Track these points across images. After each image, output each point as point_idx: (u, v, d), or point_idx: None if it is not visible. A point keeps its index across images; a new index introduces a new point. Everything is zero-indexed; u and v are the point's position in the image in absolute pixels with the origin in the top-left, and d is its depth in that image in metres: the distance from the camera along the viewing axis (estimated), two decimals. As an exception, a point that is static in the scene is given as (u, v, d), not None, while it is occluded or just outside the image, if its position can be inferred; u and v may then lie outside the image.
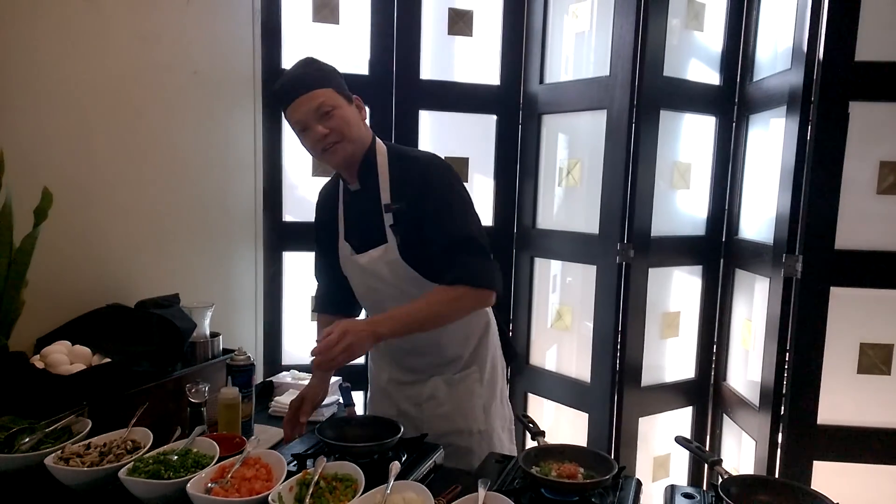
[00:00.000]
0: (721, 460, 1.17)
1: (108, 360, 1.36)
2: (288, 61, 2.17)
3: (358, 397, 2.20)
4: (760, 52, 2.12)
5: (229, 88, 2.03)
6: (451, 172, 1.37)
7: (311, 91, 1.29)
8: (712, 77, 2.21)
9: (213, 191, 1.98)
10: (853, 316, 1.81)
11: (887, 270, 1.78)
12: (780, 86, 1.93)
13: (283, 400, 1.68)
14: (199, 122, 1.91)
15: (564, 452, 1.17)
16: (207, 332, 1.62)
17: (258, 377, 2.04)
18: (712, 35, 2.19)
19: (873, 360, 1.82)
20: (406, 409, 1.49)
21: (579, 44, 2.26)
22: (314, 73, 1.32)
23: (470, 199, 1.39)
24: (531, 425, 1.31)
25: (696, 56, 2.20)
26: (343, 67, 2.19)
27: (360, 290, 1.47)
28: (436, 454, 1.25)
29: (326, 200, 1.50)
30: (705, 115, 2.21)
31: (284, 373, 1.88)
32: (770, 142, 2.02)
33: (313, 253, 1.57)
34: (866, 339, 1.82)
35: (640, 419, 2.19)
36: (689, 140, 2.21)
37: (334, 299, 1.54)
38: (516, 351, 1.61)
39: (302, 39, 2.19)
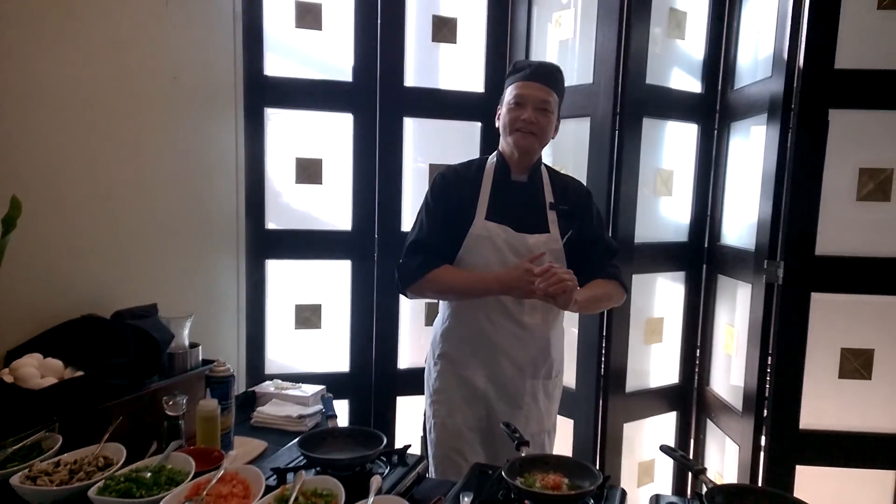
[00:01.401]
0: (705, 469, 1.16)
1: (81, 373, 1.32)
2: (270, 67, 2.14)
3: (340, 407, 2.18)
4: (741, 60, 2.14)
5: (211, 94, 2.00)
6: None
7: (551, 88, 1.55)
8: (694, 85, 2.23)
9: (194, 198, 1.95)
10: (834, 321, 1.83)
11: (867, 276, 1.80)
12: (760, 93, 1.95)
13: (266, 410, 1.65)
14: (180, 129, 1.88)
15: (549, 463, 1.16)
16: (186, 343, 1.58)
17: (241, 387, 2.00)
18: (694, 43, 2.21)
19: (854, 365, 1.84)
20: (502, 410, 1.61)
21: (563, 51, 2.26)
22: (560, 81, 1.60)
23: None
24: (515, 434, 1.30)
25: (678, 64, 2.22)
26: (326, 74, 2.22)
27: (492, 266, 1.56)
28: (419, 466, 1.23)
29: (459, 183, 1.63)
30: (687, 123, 2.23)
31: (267, 382, 1.84)
32: (751, 149, 2.04)
33: (420, 223, 1.64)
34: (847, 344, 1.83)
35: (624, 425, 2.19)
36: (671, 147, 2.23)
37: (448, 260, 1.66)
38: None
39: (285, 45, 2.17)
